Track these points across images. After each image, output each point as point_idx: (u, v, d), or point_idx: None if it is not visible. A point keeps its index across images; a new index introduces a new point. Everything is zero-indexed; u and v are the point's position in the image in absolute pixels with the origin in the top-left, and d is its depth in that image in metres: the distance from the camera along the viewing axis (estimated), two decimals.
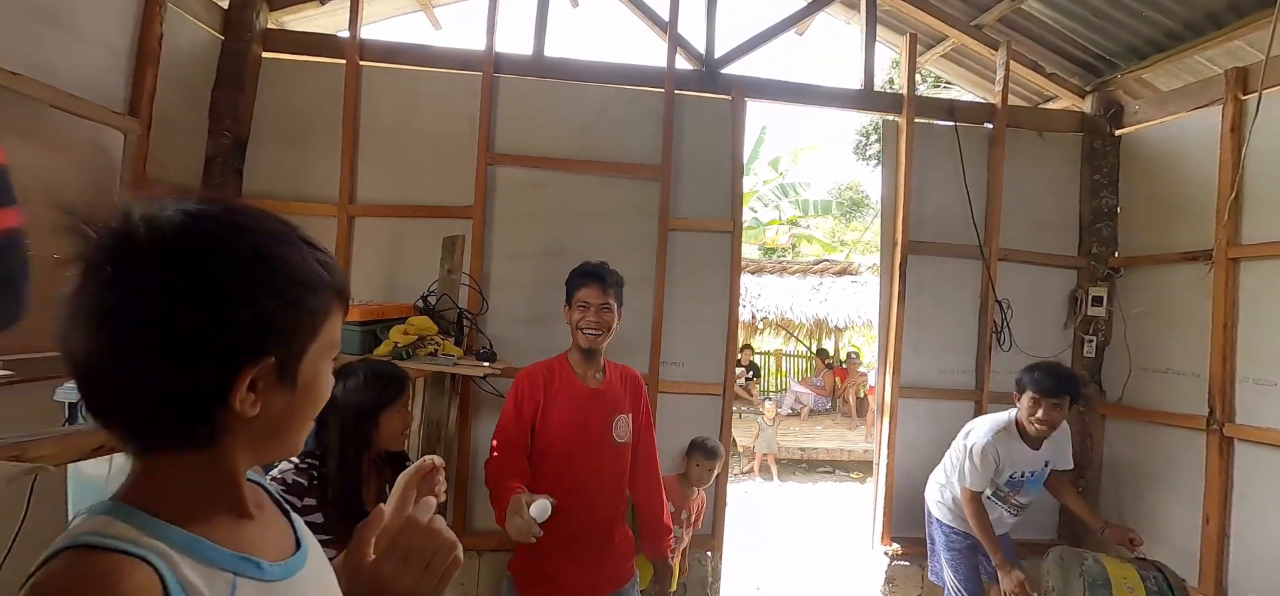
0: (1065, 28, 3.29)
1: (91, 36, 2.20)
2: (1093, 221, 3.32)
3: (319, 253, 0.56)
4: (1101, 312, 3.22)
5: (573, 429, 1.82)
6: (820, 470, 6.77)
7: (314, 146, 2.92)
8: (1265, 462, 2.50)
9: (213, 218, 0.49)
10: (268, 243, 0.51)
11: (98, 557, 0.44)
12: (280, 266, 0.51)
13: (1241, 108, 2.71)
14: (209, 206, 0.50)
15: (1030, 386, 2.38)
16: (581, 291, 1.88)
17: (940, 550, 2.68)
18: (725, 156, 3.10)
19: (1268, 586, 2.44)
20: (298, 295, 0.52)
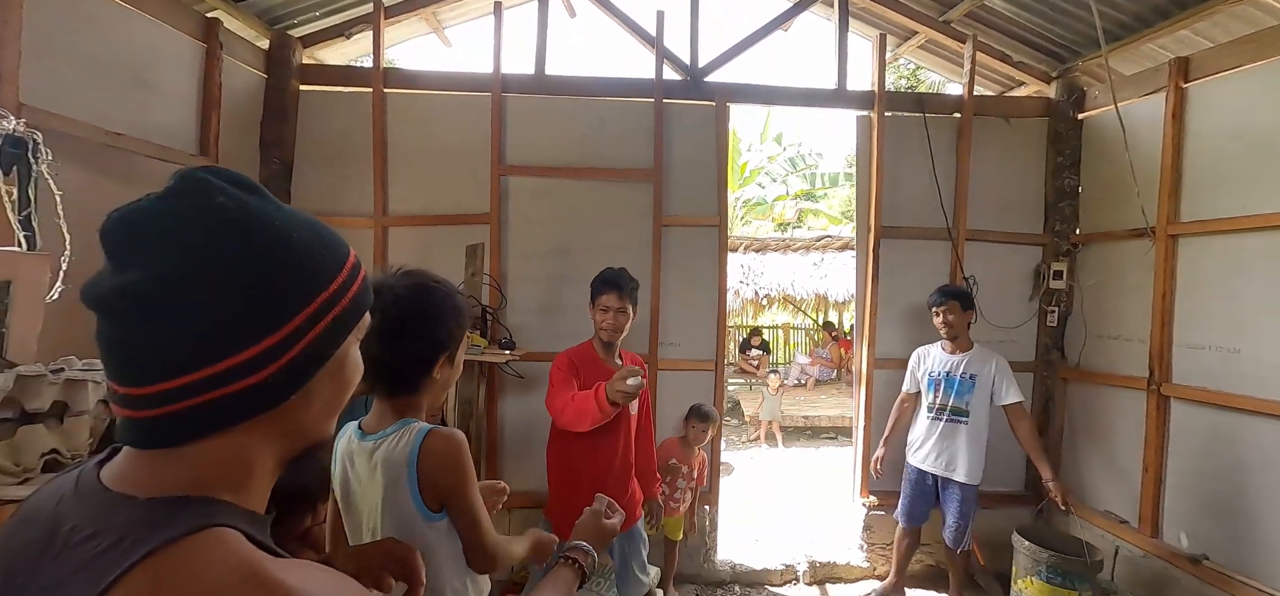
0: (1028, 20, 3.52)
1: (169, 91, 2.63)
2: (1056, 200, 3.58)
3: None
4: (1062, 286, 3.51)
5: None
6: (823, 436, 7.16)
7: (350, 166, 3.33)
8: (1195, 418, 2.82)
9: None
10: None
11: None
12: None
13: (1183, 95, 2.96)
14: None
15: (928, 303, 3.14)
16: (603, 297, 2.30)
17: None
18: (711, 157, 3.44)
19: (1193, 526, 2.77)
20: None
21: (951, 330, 3.03)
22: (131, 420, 0.47)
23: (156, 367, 0.46)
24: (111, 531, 0.44)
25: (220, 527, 0.46)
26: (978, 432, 2.98)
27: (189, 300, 0.45)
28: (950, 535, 3.06)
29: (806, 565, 3.59)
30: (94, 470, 0.51)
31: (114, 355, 0.47)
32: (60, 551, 0.44)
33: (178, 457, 0.48)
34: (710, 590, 3.48)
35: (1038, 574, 2.75)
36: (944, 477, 3.05)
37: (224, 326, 0.46)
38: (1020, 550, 2.85)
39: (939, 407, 3.05)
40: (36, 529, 0.47)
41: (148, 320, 0.45)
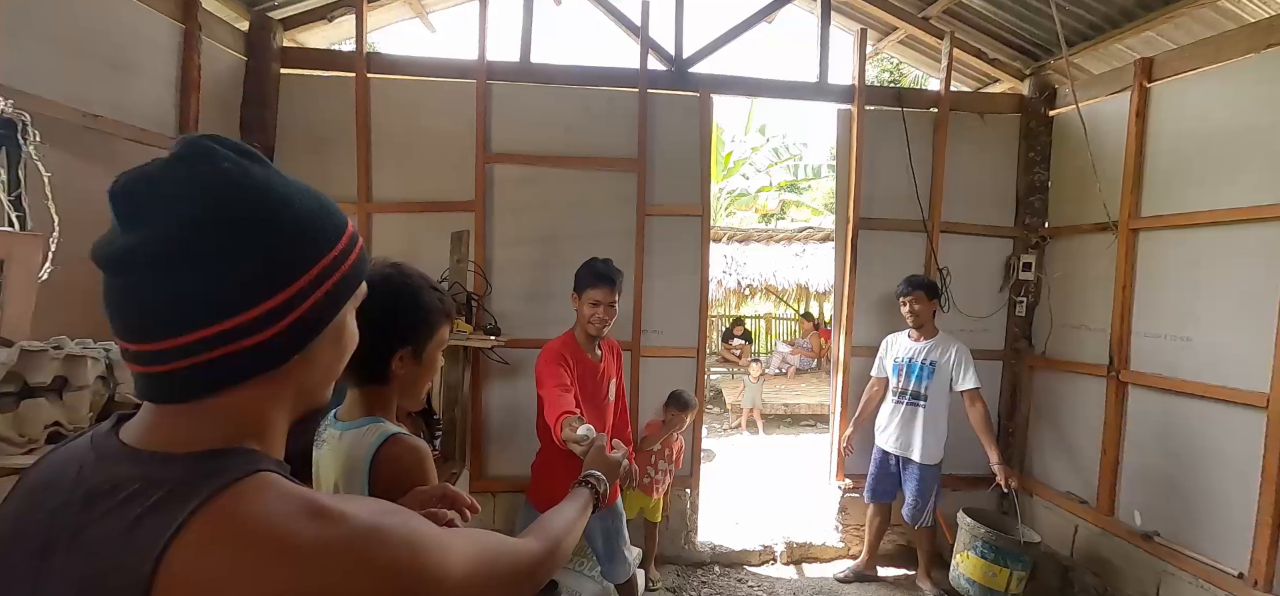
0: (1004, 18, 3.62)
1: (148, 73, 2.60)
2: (1027, 194, 3.71)
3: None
4: (1031, 277, 3.64)
5: (584, 393, 2.28)
6: (803, 423, 7.32)
7: (333, 152, 3.32)
8: (1150, 403, 2.97)
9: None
10: None
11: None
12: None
13: (1147, 94, 3.08)
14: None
15: (896, 292, 3.26)
16: (593, 291, 2.27)
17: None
18: (694, 148, 3.49)
19: (1147, 504, 2.93)
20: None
21: (917, 318, 3.16)
22: (147, 375, 0.50)
23: (165, 324, 0.48)
24: (162, 484, 0.46)
25: (266, 471, 0.49)
26: (935, 416, 3.11)
27: (197, 260, 0.47)
28: (908, 512, 3.20)
29: (784, 545, 3.70)
30: (110, 435, 0.53)
31: (125, 312, 0.49)
32: (109, 509, 0.47)
33: (205, 414, 0.51)
34: (691, 570, 3.57)
35: (973, 549, 2.89)
36: (904, 457, 3.19)
37: (230, 286, 0.48)
38: (962, 526, 3.00)
39: (901, 392, 3.19)
40: (65, 492, 0.50)
41: (157, 278, 0.47)
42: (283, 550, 0.45)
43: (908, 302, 3.18)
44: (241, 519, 0.45)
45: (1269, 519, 2.37)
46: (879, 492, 3.32)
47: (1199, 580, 2.62)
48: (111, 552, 0.45)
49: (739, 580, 3.51)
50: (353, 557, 0.47)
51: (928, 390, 3.11)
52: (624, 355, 3.42)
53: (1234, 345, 2.57)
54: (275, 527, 0.46)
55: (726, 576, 3.55)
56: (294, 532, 0.46)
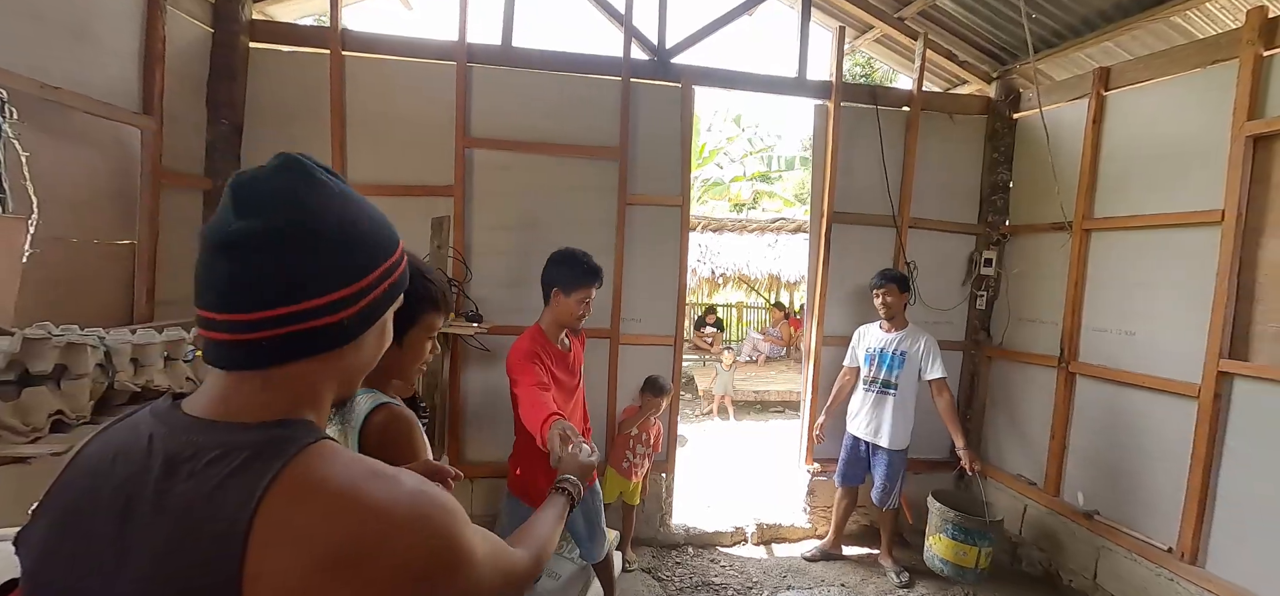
0: (974, 23, 3.75)
1: (111, 46, 2.48)
2: (990, 193, 3.88)
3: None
4: (992, 272, 3.83)
5: (556, 381, 2.31)
6: (772, 410, 7.51)
7: (305, 131, 3.22)
8: (1096, 392, 3.18)
9: None
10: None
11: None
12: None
13: (1104, 102, 3.26)
14: None
15: (870, 285, 3.38)
16: (586, 288, 2.30)
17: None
18: (675, 139, 3.53)
19: (1089, 486, 3.16)
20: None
21: (889, 310, 3.29)
22: (233, 343, 0.57)
23: (261, 298, 0.56)
24: (242, 448, 0.54)
25: (326, 440, 0.57)
26: (904, 404, 3.27)
27: (294, 249, 0.57)
28: (877, 495, 3.36)
29: (754, 526, 3.84)
30: (174, 410, 0.60)
31: (227, 286, 0.56)
32: (193, 471, 0.53)
33: (275, 385, 0.58)
34: (665, 552, 3.67)
35: (944, 531, 3.07)
36: (873, 443, 3.34)
37: (317, 273, 0.58)
38: (932, 510, 3.18)
39: (872, 380, 3.33)
40: (139, 460, 0.55)
41: (262, 259, 0.56)
42: (357, 503, 0.53)
43: (881, 295, 3.30)
44: (320, 477, 0.54)
45: (1196, 498, 2.59)
46: (848, 476, 3.47)
47: (1133, 555, 2.85)
48: (204, 508, 0.51)
49: (712, 560, 3.63)
50: (414, 514, 0.56)
51: (898, 379, 3.25)
52: (604, 342, 3.48)
53: (1172, 340, 2.78)
54: (349, 485, 0.54)
55: (700, 556, 3.66)
56: (365, 490, 0.54)
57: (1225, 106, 2.60)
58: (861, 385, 3.40)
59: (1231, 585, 2.46)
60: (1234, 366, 2.51)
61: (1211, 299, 2.60)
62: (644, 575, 3.43)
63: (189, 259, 2.96)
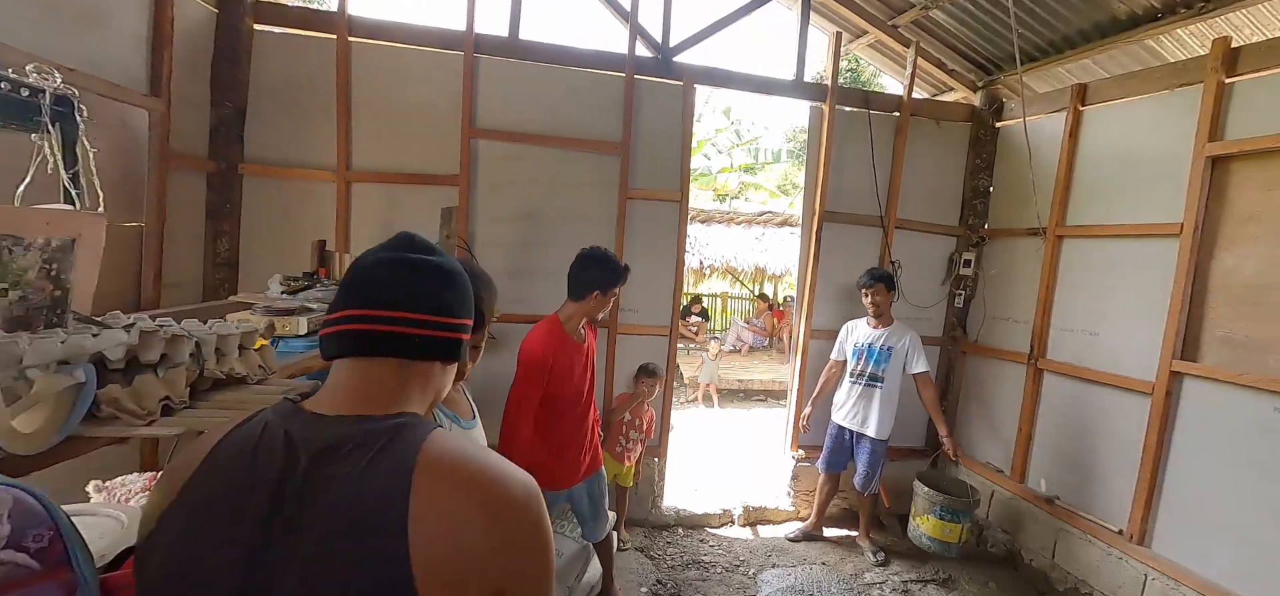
0: (963, 34, 3.92)
1: (120, 27, 2.47)
2: (971, 198, 4.09)
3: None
4: (970, 273, 4.05)
5: (572, 375, 2.42)
6: (755, 398, 7.74)
7: (311, 116, 3.24)
8: (1060, 388, 3.43)
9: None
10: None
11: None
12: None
13: (1080, 116, 3.46)
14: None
15: (858, 284, 3.54)
16: (619, 288, 2.45)
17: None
18: (676, 135, 3.63)
19: (1051, 474, 3.41)
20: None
21: (877, 308, 3.47)
22: (401, 335, 0.73)
23: (433, 306, 0.76)
24: (381, 436, 0.65)
25: (441, 428, 0.71)
26: (890, 396, 3.47)
27: (456, 284, 0.79)
28: (859, 481, 3.57)
29: (741, 509, 4.03)
30: (300, 411, 0.70)
31: (417, 292, 0.75)
32: (342, 456, 0.64)
33: (404, 377, 0.74)
34: (657, 532, 3.84)
35: (932, 512, 3.30)
36: (858, 433, 3.54)
37: (461, 305, 0.80)
38: (919, 494, 3.40)
39: (859, 373, 3.51)
40: (282, 455, 0.64)
41: (438, 282, 0.77)
42: (489, 477, 0.66)
43: (869, 294, 3.47)
44: (454, 455, 0.66)
45: (1145, 486, 2.85)
46: (832, 463, 3.67)
47: (1088, 536, 3.11)
48: (359, 485, 0.62)
49: (701, 540, 3.81)
50: (526, 490, 0.68)
51: (884, 372, 3.44)
52: (602, 332, 3.60)
53: (1131, 341, 3.02)
54: (480, 462, 0.67)
55: (690, 537, 3.84)
56: (493, 466, 0.67)
57: (1189, 127, 2.81)
58: (848, 378, 3.59)
59: (1173, 563, 2.72)
60: (1185, 367, 2.75)
61: (1168, 304, 2.83)
62: (637, 554, 3.59)
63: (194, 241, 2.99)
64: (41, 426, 0.81)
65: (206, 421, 0.94)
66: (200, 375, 1.01)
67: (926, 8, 3.80)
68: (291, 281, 2.18)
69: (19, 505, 0.73)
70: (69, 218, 1.01)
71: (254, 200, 3.22)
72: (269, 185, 3.23)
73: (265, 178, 3.21)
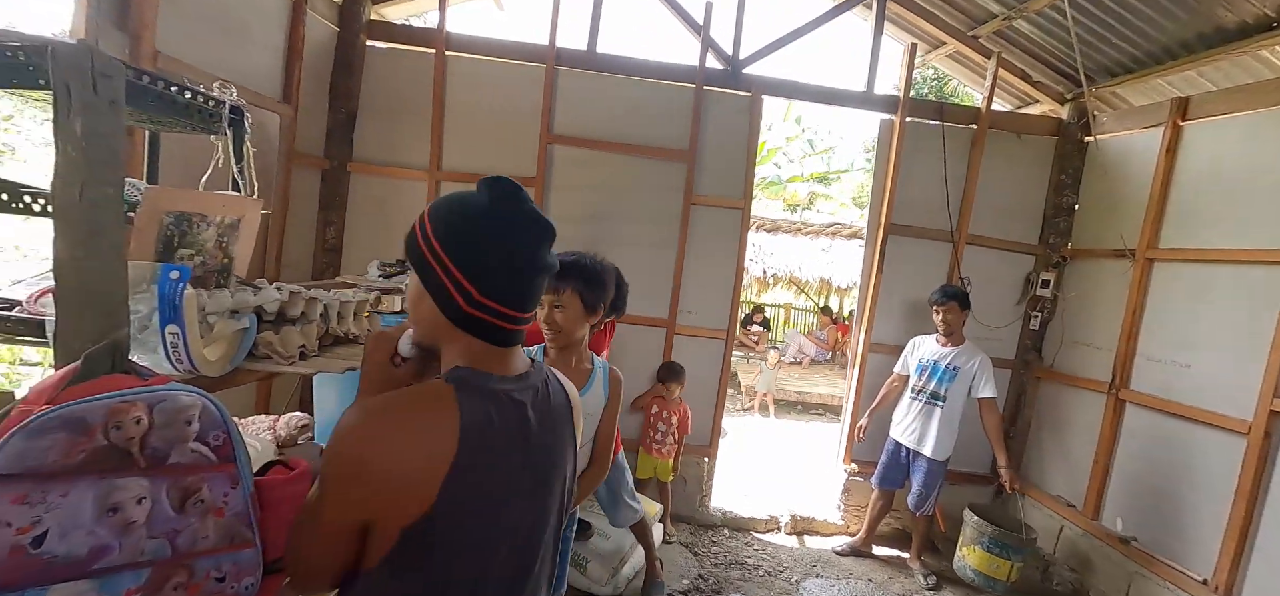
0: (1050, 45, 3.76)
1: (262, 41, 2.92)
2: (1053, 215, 3.89)
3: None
4: (1048, 294, 3.85)
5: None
6: (813, 412, 7.61)
7: (409, 121, 3.63)
8: (1144, 421, 3.21)
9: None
10: None
11: None
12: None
13: (1179, 132, 3.24)
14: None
15: (930, 300, 3.46)
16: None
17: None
18: (742, 145, 3.73)
19: (1128, 513, 3.20)
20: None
21: (948, 326, 3.38)
22: (519, 334, 0.91)
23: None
24: (543, 378, 0.96)
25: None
26: (951, 417, 3.37)
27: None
28: (913, 500, 3.50)
29: (788, 517, 4.04)
30: (500, 378, 0.89)
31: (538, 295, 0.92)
32: (543, 399, 0.93)
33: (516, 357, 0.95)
34: (703, 531, 3.94)
35: (980, 544, 3.18)
36: (915, 451, 3.47)
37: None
38: (968, 523, 3.29)
39: (920, 390, 3.44)
40: (519, 409, 0.88)
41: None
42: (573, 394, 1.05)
43: (941, 311, 3.38)
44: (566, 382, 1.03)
45: (1236, 533, 2.63)
46: (886, 480, 3.62)
47: (1167, 583, 2.90)
48: (557, 411, 0.97)
49: (746, 543, 3.87)
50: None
51: (947, 392, 3.36)
52: (660, 331, 3.76)
53: (1226, 375, 2.80)
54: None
55: (735, 538, 3.91)
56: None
57: None
58: (909, 393, 3.52)
59: None
60: None
61: (1271, 338, 2.61)
62: (682, 548, 3.71)
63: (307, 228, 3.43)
64: (219, 357, 1.07)
65: (330, 366, 1.18)
66: (326, 332, 1.26)
67: (1010, 18, 3.67)
68: (387, 267, 2.50)
69: (205, 411, 0.97)
70: (237, 202, 1.30)
71: (358, 194, 3.65)
72: (371, 182, 3.64)
73: (368, 175, 3.63)
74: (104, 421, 0.77)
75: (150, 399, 0.82)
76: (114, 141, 0.88)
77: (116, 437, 0.78)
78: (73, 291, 0.88)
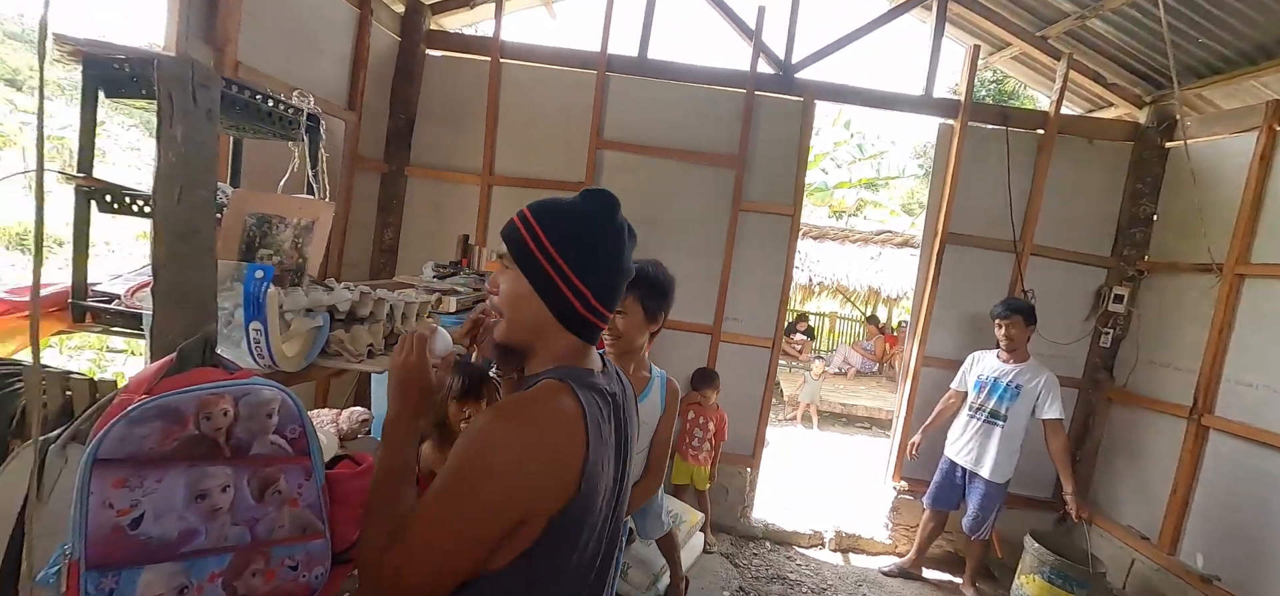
0: (1128, 44, 3.53)
1: (331, 53, 3.07)
2: (1129, 226, 3.64)
3: None
4: (1121, 309, 3.61)
5: None
6: (858, 425, 7.39)
7: (464, 126, 3.73)
8: (1230, 449, 2.96)
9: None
10: None
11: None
12: None
13: (1275, 138, 2.98)
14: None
15: (992, 313, 3.29)
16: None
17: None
18: (793, 151, 3.66)
19: (1208, 546, 2.95)
20: None
21: (1011, 342, 3.20)
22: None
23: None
24: (619, 379, 1.01)
25: None
26: (1011, 437, 3.19)
27: None
28: (968, 523, 3.32)
29: (833, 533, 3.93)
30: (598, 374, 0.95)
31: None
32: (626, 397, 1.00)
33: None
34: (743, 542, 3.87)
35: (1041, 573, 3.00)
36: (972, 471, 3.30)
37: None
38: (1028, 550, 3.10)
39: (978, 408, 3.28)
40: (614, 403, 0.94)
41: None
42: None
43: (1004, 325, 3.21)
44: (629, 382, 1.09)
45: None
46: (940, 500, 3.46)
47: None
48: (632, 412, 1.03)
49: (788, 557, 3.78)
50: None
51: (1008, 411, 3.19)
52: (705, 337, 3.73)
53: None
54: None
55: (776, 552, 3.82)
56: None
57: None
58: (966, 411, 3.37)
59: None
60: None
61: None
62: (722, 559, 3.66)
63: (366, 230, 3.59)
64: (296, 353, 1.12)
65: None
66: (391, 331, 1.30)
67: (1083, 17, 3.47)
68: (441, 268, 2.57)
69: (284, 405, 1.02)
70: (312, 205, 1.36)
71: (414, 197, 3.78)
72: (427, 185, 3.77)
73: (424, 179, 3.76)
74: (195, 412, 0.82)
75: (236, 391, 0.86)
76: (209, 148, 0.93)
77: (206, 428, 0.83)
78: (169, 288, 0.93)
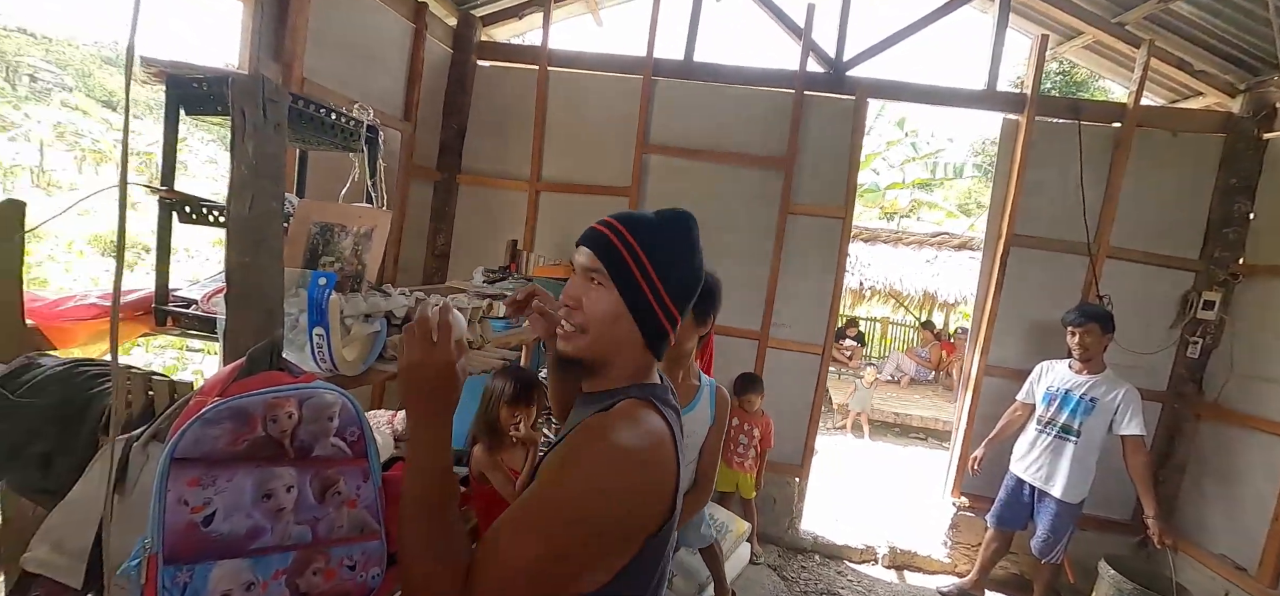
0: (1219, 28, 3.24)
1: (387, 64, 3.19)
2: (1220, 225, 3.33)
3: None
4: (1212, 316, 3.30)
5: None
6: (913, 435, 7.07)
7: (512, 134, 3.81)
8: None
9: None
10: None
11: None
12: None
13: None
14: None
15: (1064, 320, 3.07)
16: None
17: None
18: (844, 151, 3.55)
19: None
20: None
21: (1086, 351, 2.98)
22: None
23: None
24: (674, 394, 0.99)
25: None
26: (1086, 454, 2.97)
27: None
28: (1038, 545, 3.10)
29: (887, 549, 3.76)
30: (664, 388, 0.97)
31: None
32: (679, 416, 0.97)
33: None
34: (792, 554, 3.76)
35: None
36: (1042, 490, 3.08)
37: None
38: (1104, 577, 2.87)
39: (1047, 422, 3.06)
40: (676, 411, 0.95)
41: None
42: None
43: (1078, 333, 2.99)
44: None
45: None
46: (1005, 519, 3.25)
47: None
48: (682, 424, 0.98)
49: (838, 572, 3.65)
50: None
51: (1081, 426, 2.96)
52: (752, 343, 3.65)
53: None
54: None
55: (826, 566, 3.70)
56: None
57: None
58: (1033, 424, 3.15)
59: None
60: None
61: None
62: (770, 572, 3.56)
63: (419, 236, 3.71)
64: (355, 358, 1.15)
65: None
66: None
67: (1166, 1, 3.21)
68: (490, 273, 2.62)
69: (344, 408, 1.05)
70: (371, 213, 1.41)
71: (465, 204, 3.88)
72: (477, 192, 3.86)
73: (475, 186, 3.86)
74: (263, 414, 0.85)
75: (301, 395, 0.89)
76: (278, 160, 0.97)
77: (272, 429, 0.86)
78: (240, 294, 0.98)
